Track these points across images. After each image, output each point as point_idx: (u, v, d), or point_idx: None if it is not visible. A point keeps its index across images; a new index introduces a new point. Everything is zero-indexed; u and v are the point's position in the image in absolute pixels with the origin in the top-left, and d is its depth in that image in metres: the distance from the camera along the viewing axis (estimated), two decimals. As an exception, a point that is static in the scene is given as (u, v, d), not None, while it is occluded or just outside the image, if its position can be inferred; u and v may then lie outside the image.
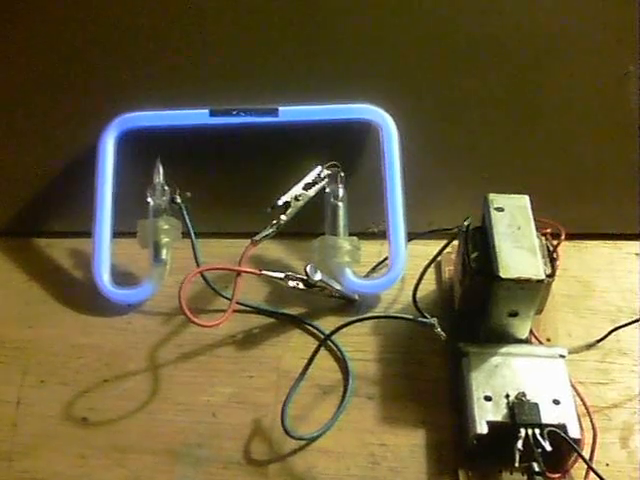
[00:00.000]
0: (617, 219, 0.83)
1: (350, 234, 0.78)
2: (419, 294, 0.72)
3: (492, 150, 0.81)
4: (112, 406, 0.71)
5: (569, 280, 0.79)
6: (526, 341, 0.70)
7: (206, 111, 0.78)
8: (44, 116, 0.81)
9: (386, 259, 0.79)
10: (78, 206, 0.81)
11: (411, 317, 0.68)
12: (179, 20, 0.76)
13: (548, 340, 0.73)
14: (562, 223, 0.74)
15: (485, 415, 0.63)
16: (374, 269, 0.81)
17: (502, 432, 0.62)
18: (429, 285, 0.79)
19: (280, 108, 0.78)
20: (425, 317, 0.68)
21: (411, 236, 0.78)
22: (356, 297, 0.78)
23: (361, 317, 0.71)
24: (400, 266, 0.77)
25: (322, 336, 0.75)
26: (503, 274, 0.63)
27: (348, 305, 0.78)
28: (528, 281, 0.63)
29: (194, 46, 0.77)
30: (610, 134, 0.79)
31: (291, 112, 0.78)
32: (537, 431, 0.61)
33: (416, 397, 0.70)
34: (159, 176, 0.78)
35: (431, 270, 0.79)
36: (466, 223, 0.68)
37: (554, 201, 0.78)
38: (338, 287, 0.76)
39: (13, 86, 0.80)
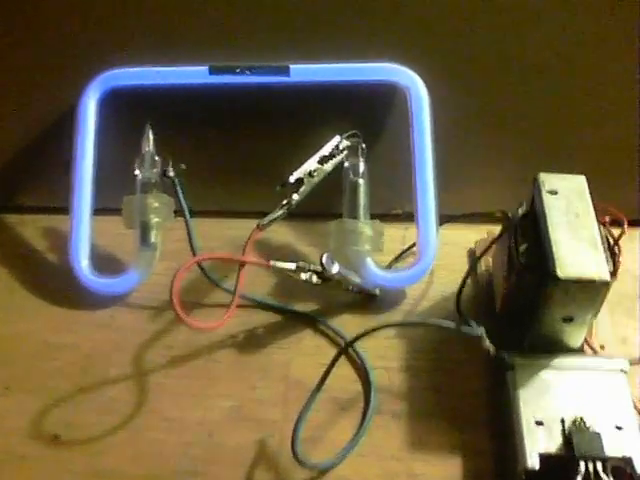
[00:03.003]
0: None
1: (371, 216, 0.73)
2: (447, 290, 0.69)
3: (539, 121, 0.75)
4: (89, 421, 0.66)
5: (622, 275, 0.70)
6: (580, 350, 0.64)
7: (205, 68, 0.73)
8: (14, 74, 0.76)
9: (412, 246, 0.75)
10: (54, 178, 0.77)
11: (453, 325, 0.61)
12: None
13: (602, 347, 0.67)
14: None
15: (537, 445, 0.58)
16: (398, 258, 0.76)
17: (557, 465, 0.57)
18: (459, 277, 0.70)
19: (292, 66, 0.73)
20: (469, 326, 0.61)
21: (443, 220, 0.73)
22: (377, 292, 0.73)
23: (391, 323, 0.67)
24: (430, 255, 0.72)
25: (339, 338, 0.70)
26: (561, 273, 0.57)
27: (368, 300, 0.73)
28: (591, 282, 0.57)
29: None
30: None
31: (304, 71, 0.73)
32: (599, 465, 0.56)
33: (450, 415, 0.65)
34: (149, 145, 0.74)
35: (463, 260, 0.75)
36: (520, 211, 0.62)
37: (608, 183, 0.69)
38: (357, 280, 0.71)
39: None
